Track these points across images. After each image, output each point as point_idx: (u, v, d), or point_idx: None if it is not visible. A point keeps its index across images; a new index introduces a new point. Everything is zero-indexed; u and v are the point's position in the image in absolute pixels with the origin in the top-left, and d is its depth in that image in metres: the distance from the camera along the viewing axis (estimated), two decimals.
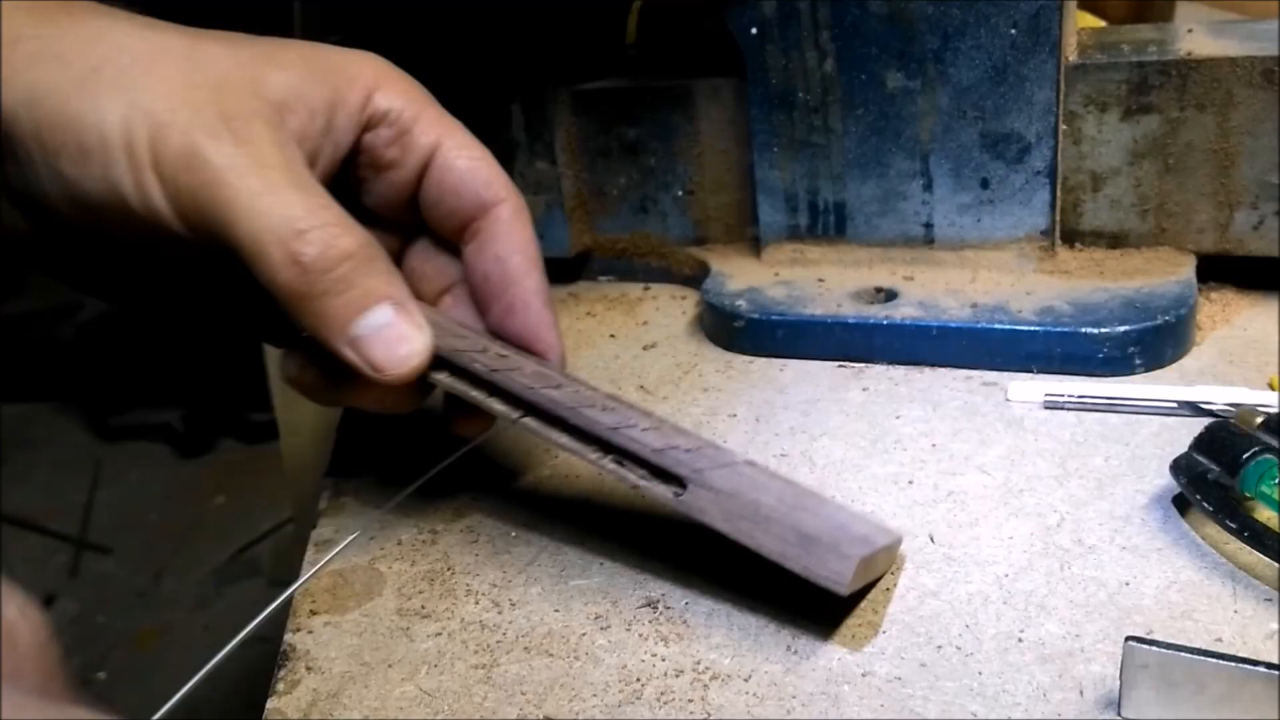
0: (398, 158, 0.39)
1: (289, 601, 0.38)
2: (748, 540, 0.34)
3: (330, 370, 0.39)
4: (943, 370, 0.49)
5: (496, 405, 0.37)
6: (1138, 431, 0.43)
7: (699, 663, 0.34)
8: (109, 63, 0.35)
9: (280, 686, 0.35)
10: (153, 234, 0.35)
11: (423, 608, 0.38)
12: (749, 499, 0.34)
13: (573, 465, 0.45)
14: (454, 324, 0.40)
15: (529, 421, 0.37)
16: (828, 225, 0.54)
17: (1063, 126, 0.49)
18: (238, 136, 0.34)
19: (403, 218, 0.41)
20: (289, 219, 0.34)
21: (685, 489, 0.35)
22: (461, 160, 0.40)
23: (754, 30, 0.51)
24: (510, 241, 0.40)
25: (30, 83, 0.34)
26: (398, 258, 0.42)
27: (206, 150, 0.34)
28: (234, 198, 0.34)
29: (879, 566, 0.36)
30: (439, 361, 0.37)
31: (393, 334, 0.35)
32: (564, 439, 0.36)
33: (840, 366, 0.50)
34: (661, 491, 0.35)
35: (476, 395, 0.37)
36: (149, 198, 0.34)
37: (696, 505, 0.35)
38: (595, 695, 0.33)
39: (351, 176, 0.40)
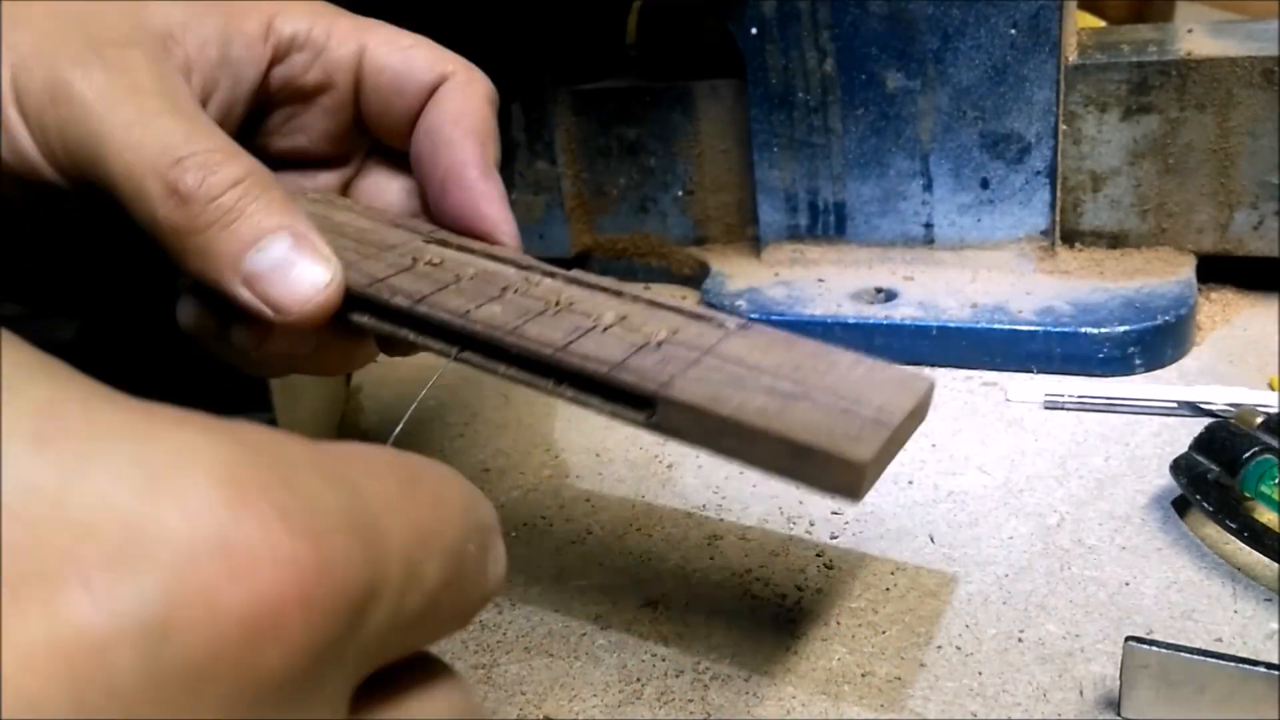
0: (322, 80, 0.36)
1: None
2: (737, 459, 0.29)
3: (229, 317, 0.34)
4: (943, 370, 0.49)
5: (431, 343, 0.32)
6: (1138, 431, 0.43)
7: (699, 663, 0.34)
8: None
9: None
10: (25, 188, 0.32)
11: None
12: (729, 409, 0.28)
13: (574, 466, 0.45)
14: (382, 222, 0.36)
15: (469, 356, 0.32)
16: (828, 225, 0.54)
17: (1063, 126, 0.49)
18: (108, 65, 0.31)
19: (345, 148, 0.38)
20: (166, 147, 0.30)
21: (655, 409, 0.29)
22: (394, 55, 0.36)
23: (754, 30, 0.51)
24: (443, 111, 0.36)
25: None
26: (347, 194, 0.39)
27: (73, 80, 0.30)
28: (104, 129, 0.30)
29: (907, 431, 0.31)
30: (357, 300, 0.33)
31: (293, 268, 0.31)
32: (511, 371, 0.31)
33: None
34: (631, 417, 0.30)
35: (405, 334, 0.33)
36: (14, 139, 0.31)
37: (670, 427, 0.29)
38: (595, 695, 0.33)
39: (276, 119, 0.37)
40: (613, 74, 0.59)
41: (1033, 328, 0.47)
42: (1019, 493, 0.40)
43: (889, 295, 0.52)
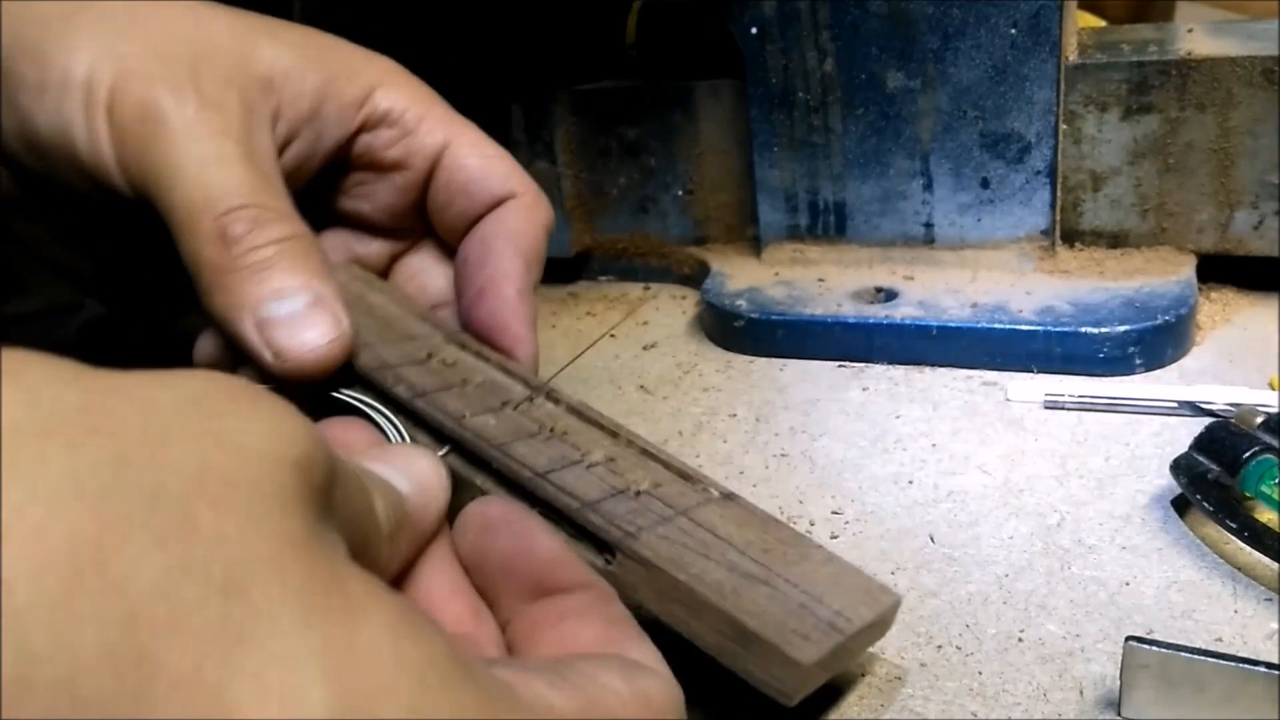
0: (401, 159, 0.38)
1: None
2: (682, 629, 0.28)
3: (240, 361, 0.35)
4: (943, 370, 0.49)
5: (420, 436, 0.32)
6: (1138, 431, 0.43)
7: None
8: (97, 7, 0.33)
9: None
10: (93, 184, 0.33)
11: None
12: (687, 575, 0.27)
13: None
14: (412, 313, 0.37)
15: (453, 459, 0.32)
16: (828, 225, 0.54)
17: (1063, 126, 0.49)
18: (204, 100, 0.33)
19: (404, 224, 0.40)
20: (229, 193, 0.32)
21: (614, 557, 0.28)
22: (473, 159, 0.38)
23: (754, 30, 0.51)
24: (501, 225, 0.37)
25: (17, 11, 0.33)
26: (388, 269, 0.40)
27: (166, 107, 0.32)
28: (181, 162, 0.32)
29: (861, 644, 0.30)
30: (357, 377, 0.33)
31: (303, 321, 0.32)
32: (489, 484, 0.31)
33: (840, 366, 0.50)
34: (589, 558, 0.29)
35: (394, 425, 0.32)
36: (96, 142, 0.33)
37: (625, 580, 0.28)
38: None
39: (349, 180, 0.38)
40: (613, 74, 0.59)
41: (1033, 327, 0.47)
42: (1019, 493, 0.40)
43: (889, 295, 0.52)
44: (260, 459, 0.18)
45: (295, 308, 0.32)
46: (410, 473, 0.26)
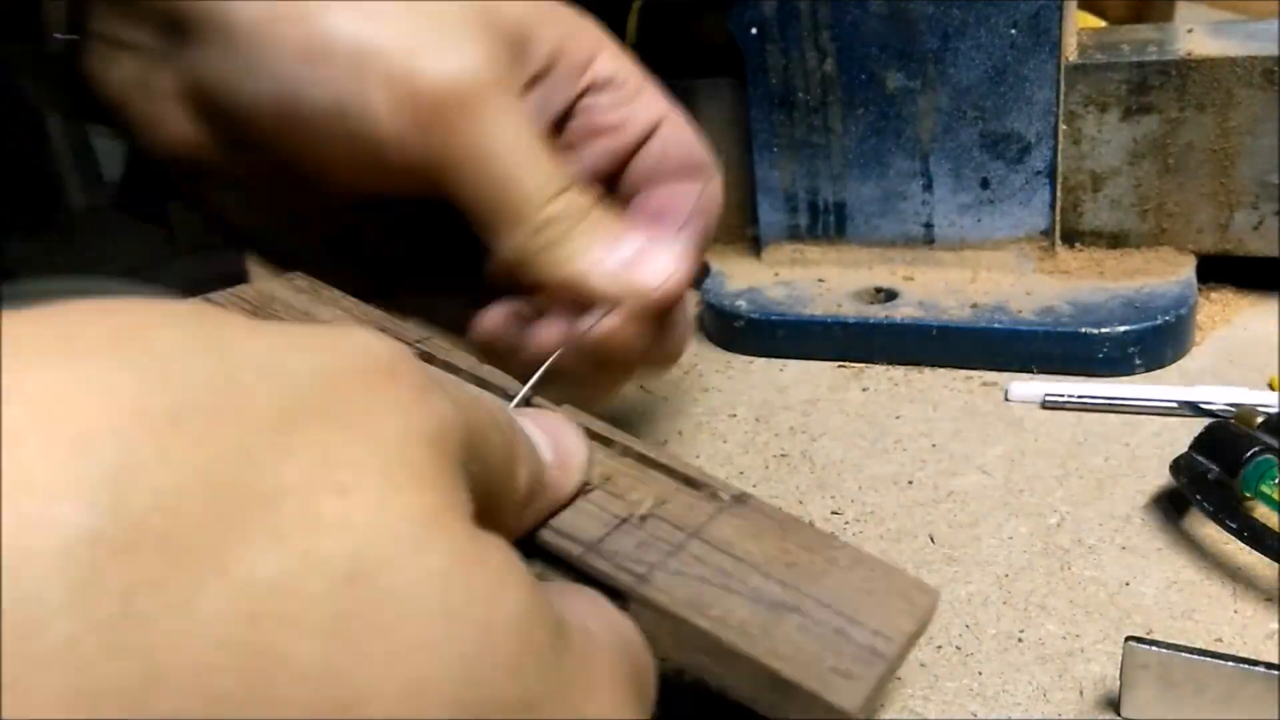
0: (619, 124, 0.37)
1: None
2: (711, 679, 0.25)
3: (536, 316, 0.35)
4: (943, 370, 0.49)
5: None
6: (1138, 431, 0.43)
7: None
8: None
9: None
10: (360, 163, 0.32)
11: None
12: (709, 621, 0.25)
13: None
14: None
15: None
16: (828, 225, 0.54)
17: (1063, 126, 0.49)
18: (489, 69, 0.32)
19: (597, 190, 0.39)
20: (544, 182, 0.32)
21: (626, 606, 0.25)
22: (688, 136, 0.38)
23: (754, 30, 0.51)
24: (690, 191, 0.38)
25: None
26: None
27: (454, 80, 0.31)
28: (488, 148, 0.31)
29: (903, 656, 0.27)
30: None
31: (646, 256, 0.33)
32: None
33: (840, 366, 0.50)
34: None
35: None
36: (373, 119, 0.31)
37: (644, 629, 0.25)
38: None
39: (558, 142, 0.37)
40: None
41: (1033, 328, 0.47)
42: (1019, 493, 0.40)
43: (889, 295, 0.52)
44: (389, 442, 0.17)
45: (632, 248, 0.33)
46: (557, 442, 0.26)
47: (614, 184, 0.39)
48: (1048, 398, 0.45)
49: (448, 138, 0.31)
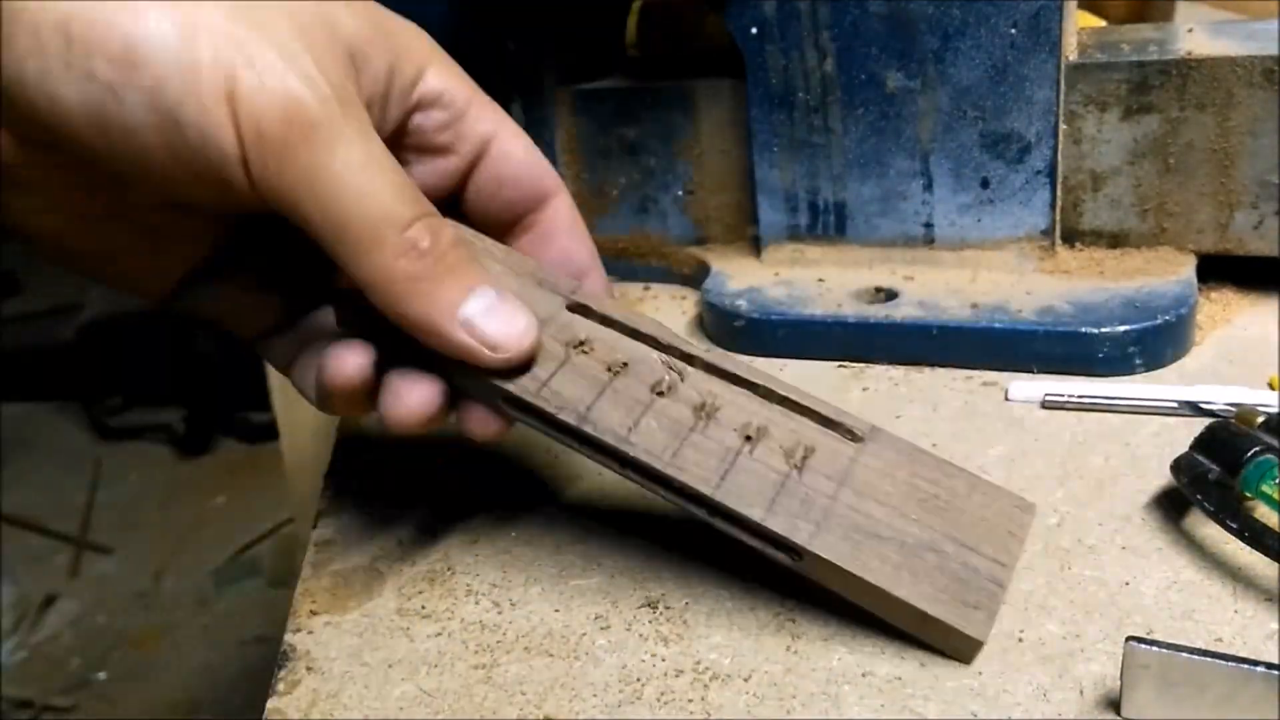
0: (450, 143, 0.37)
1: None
2: (873, 609, 0.33)
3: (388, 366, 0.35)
4: (943, 370, 0.49)
5: (594, 455, 0.35)
6: (1138, 431, 0.43)
7: (699, 663, 0.34)
8: None
9: (280, 687, 0.35)
10: (188, 171, 0.31)
11: (423, 608, 0.38)
12: (869, 573, 0.32)
13: (574, 466, 0.45)
14: (528, 279, 0.37)
15: (630, 474, 0.35)
16: (828, 225, 0.54)
17: (1063, 126, 0.49)
18: (331, 84, 0.31)
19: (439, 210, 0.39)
20: (402, 204, 0.32)
21: (801, 558, 0.33)
22: (520, 149, 0.38)
23: (754, 30, 0.51)
24: (575, 235, 0.39)
25: None
26: None
27: (298, 98, 0.30)
28: (338, 171, 0.31)
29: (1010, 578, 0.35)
30: (517, 402, 0.35)
31: (503, 312, 0.34)
32: (670, 497, 0.35)
33: (840, 366, 0.50)
34: (778, 557, 0.34)
35: (569, 444, 0.35)
36: (214, 140, 0.30)
37: (816, 572, 0.33)
38: (595, 695, 0.33)
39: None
40: (613, 74, 0.59)
41: (1033, 328, 0.47)
42: (1019, 493, 0.40)
43: (889, 295, 0.52)
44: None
45: (488, 301, 0.33)
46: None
47: (454, 204, 0.38)
48: (1048, 397, 0.45)
49: (298, 159, 0.30)
